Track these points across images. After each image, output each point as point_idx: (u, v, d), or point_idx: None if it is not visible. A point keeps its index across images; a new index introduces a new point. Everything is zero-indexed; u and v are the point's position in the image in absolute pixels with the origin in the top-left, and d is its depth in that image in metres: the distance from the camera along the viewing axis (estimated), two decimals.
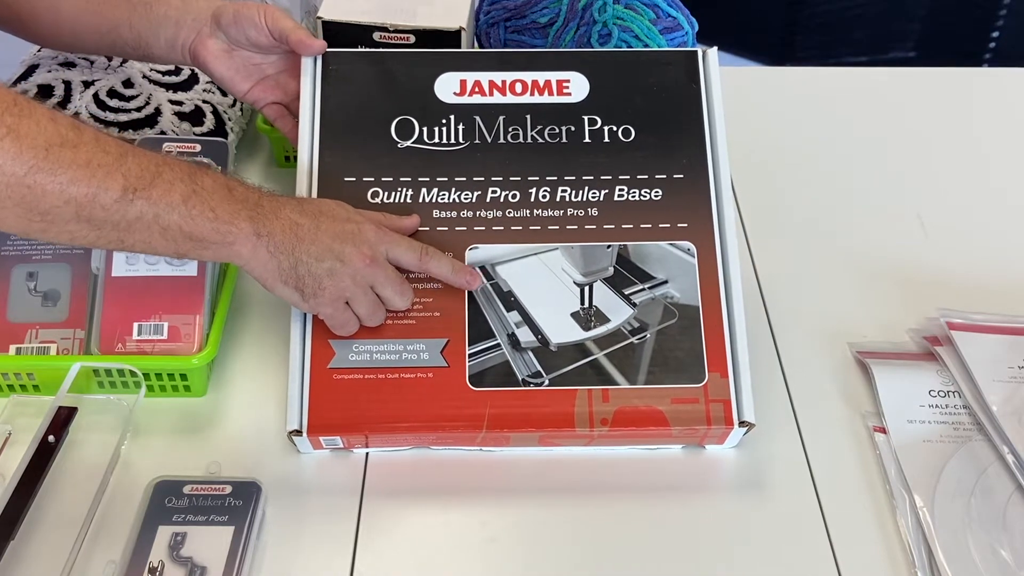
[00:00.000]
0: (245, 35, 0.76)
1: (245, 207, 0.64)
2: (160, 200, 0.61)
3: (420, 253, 0.70)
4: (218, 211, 0.63)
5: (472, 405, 0.69)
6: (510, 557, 0.66)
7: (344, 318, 0.68)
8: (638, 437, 0.70)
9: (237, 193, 0.65)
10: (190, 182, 0.63)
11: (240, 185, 0.66)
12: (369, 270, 0.67)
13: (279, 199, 0.67)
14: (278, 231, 0.65)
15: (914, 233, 0.92)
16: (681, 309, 0.72)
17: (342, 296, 0.67)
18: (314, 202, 0.69)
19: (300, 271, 0.65)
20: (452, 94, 0.76)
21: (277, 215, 0.65)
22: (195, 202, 0.62)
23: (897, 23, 2.13)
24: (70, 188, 0.58)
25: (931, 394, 0.75)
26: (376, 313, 0.69)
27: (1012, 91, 1.12)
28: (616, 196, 0.74)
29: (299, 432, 0.68)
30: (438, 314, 0.71)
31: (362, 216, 0.69)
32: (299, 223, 0.66)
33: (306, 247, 0.65)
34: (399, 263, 0.69)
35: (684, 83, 0.77)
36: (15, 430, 0.71)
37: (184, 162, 0.64)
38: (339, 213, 0.68)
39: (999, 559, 0.65)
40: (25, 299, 0.75)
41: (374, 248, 0.67)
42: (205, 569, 0.61)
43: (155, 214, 0.61)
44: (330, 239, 0.66)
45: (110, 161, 0.60)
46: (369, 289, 0.68)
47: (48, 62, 0.93)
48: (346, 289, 0.67)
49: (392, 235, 0.69)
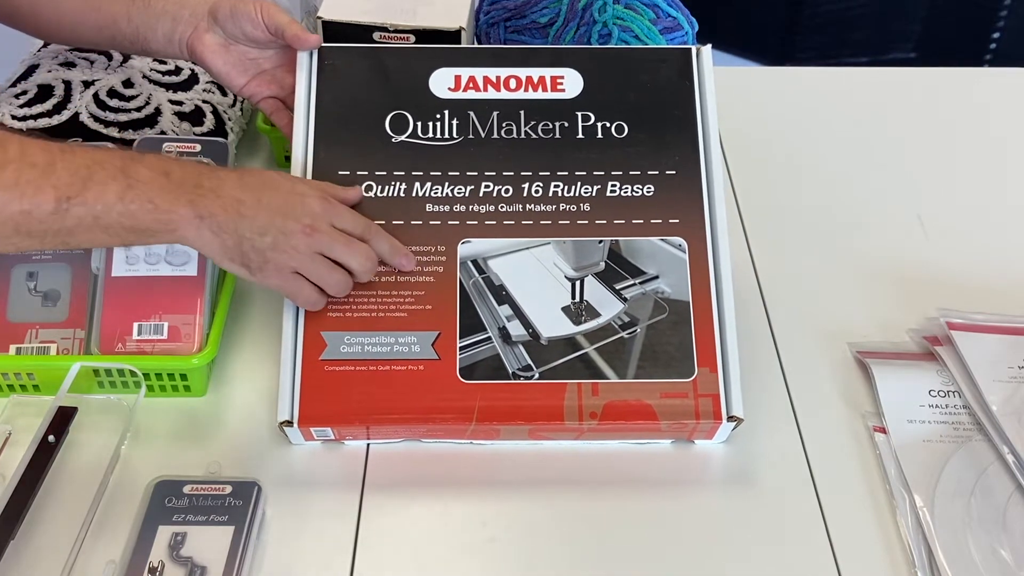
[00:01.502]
0: (241, 30, 0.76)
1: (184, 191, 0.64)
2: (96, 202, 0.62)
3: (364, 228, 0.69)
4: (157, 201, 0.63)
5: (462, 398, 0.69)
6: (506, 551, 0.66)
7: (294, 288, 0.68)
8: (627, 431, 0.70)
9: (175, 177, 0.64)
10: (124, 177, 0.63)
11: (178, 167, 0.66)
12: (311, 239, 0.66)
13: (220, 175, 0.67)
14: (219, 211, 0.65)
15: (914, 233, 0.92)
16: (671, 304, 0.72)
17: (287, 267, 0.67)
18: (256, 174, 0.69)
19: (244, 247, 0.66)
20: (447, 89, 0.77)
21: (218, 194, 0.65)
22: (132, 196, 0.63)
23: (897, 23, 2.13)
24: (3, 210, 0.59)
25: (931, 394, 0.75)
26: (332, 277, 0.68)
27: (1012, 91, 1.12)
28: (608, 192, 0.74)
29: (290, 423, 0.68)
30: (430, 307, 0.71)
31: (307, 187, 0.69)
32: (240, 199, 0.65)
33: (248, 223, 0.65)
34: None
35: (677, 80, 0.77)
36: (15, 430, 0.71)
37: (118, 153, 0.64)
38: (282, 185, 0.68)
39: (999, 559, 0.65)
40: (25, 299, 0.75)
41: (316, 219, 0.67)
42: (205, 569, 0.61)
43: (94, 216, 0.62)
44: (271, 213, 0.66)
45: (37, 175, 0.60)
46: (318, 256, 0.67)
47: (48, 62, 0.93)
48: (291, 259, 0.66)
49: (338, 207, 0.69)
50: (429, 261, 0.72)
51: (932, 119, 1.07)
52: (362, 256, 0.69)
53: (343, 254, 0.68)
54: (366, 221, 0.70)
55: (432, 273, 0.72)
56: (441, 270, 0.72)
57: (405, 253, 0.71)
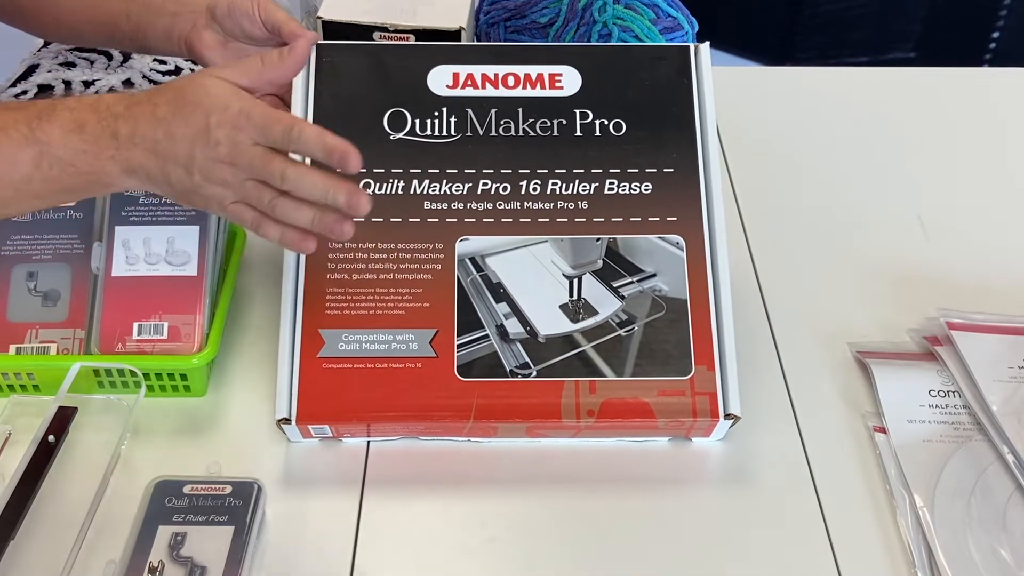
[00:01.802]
0: (239, 27, 0.76)
1: (103, 145, 0.62)
2: (10, 175, 0.60)
3: (283, 134, 0.62)
4: (77, 164, 0.62)
5: (460, 395, 0.69)
6: (505, 549, 0.66)
7: (246, 220, 0.65)
8: (625, 429, 0.71)
9: (89, 130, 0.62)
10: (35, 143, 0.61)
11: (92, 115, 0.62)
12: (235, 169, 0.62)
13: (135, 114, 0.62)
14: (143, 158, 0.62)
15: (914, 233, 0.92)
16: (669, 302, 0.72)
17: (228, 199, 0.64)
18: (167, 98, 0.63)
19: (179, 189, 0.63)
20: (445, 87, 0.77)
21: (134, 140, 0.62)
22: (49, 163, 0.61)
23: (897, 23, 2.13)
24: None
25: (931, 394, 0.75)
26: (277, 208, 0.63)
27: (1012, 91, 1.12)
28: (606, 189, 0.74)
29: (288, 420, 0.68)
30: (427, 304, 0.71)
31: (215, 104, 0.62)
32: (156, 139, 0.62)
33: (172, 166, 0.62)
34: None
35: (676, 78, 0.77)
36: (15, 430, 0.71)
37: (23, 112, 0.61)
38: (192, 110, 0.62)
39: (999, 559, 0.65)
40: (25, 299, 0.75)
41: (234, 146, 0.62)
42: (205, 569, 0.61)
43: (15, 190, 0.61)
44: (189, 144, 0.62)
45: None
46: (251, 184, 0.63)
47: (48, 62, 0.93)
48: (226, 193, 0.63)
49: (251, 120, 0.62)
50: (427, 258, 0.72)
51: (932, 119, 1.07)
52: (294, 181, 0.62)
53: (272, 178, 0.63)
54: (286, 125, 0.62)
55: (430, 271, 0.72)
56: (439, 268, 0.72)
57: (342, 150, 0.63)
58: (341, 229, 0.65)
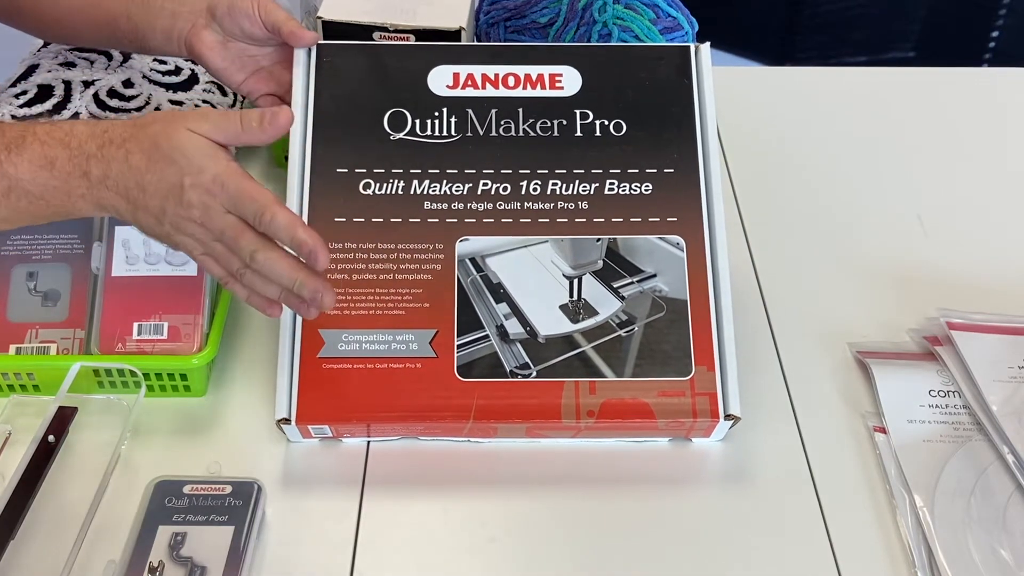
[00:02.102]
0: (239, 27, 0.76)
1: (73, 183, 0.62)
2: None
3: (256, 212, 0.61)
4: (47, 198, 0.62)
5: (460, 396, 0.69)
6: (505, 550, 0.66)
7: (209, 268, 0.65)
8: (624, 429, 0.71)
9: (60, 167, 0.62)
10: (2, 179, 0.61)
11: (63, 151, 0.62)
12: (205, 230, 0.62)
13: (107, 156, 0.62)
14: (113, 200, 0.63)
15: (914, 233, 0.92)
16: (669, 303, 0.72)
17: (196, 250, 0.64)
18: (143, 150, 0.62)
19: (150, 231, 0.64)
20: (445, 87, 0.77)
21: (106, 184, 0.62)
22: (17, 196, 0.61)
23: (897, 23, 2.13)
24: None
25: (931, 394, 0.75)
26: (245, 275, 0.63)
27: (1012, 91, 1.12)
28: (606, 190, 0.74)
29: (288, 420, 0.68)
30: (427, 305, 0.71)
31: (189, 166, 0.61)
32: (128, 187, 0.62)
33: (143, 213, 0.63)
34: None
35: (676, 78, 0.77)
36: (15, 430, 0.71)
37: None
38: (165, 167, 0.61)
39: (999, 559, 0.65)
40: (25, 299, 0.75)
41: (206, 211, 0.61)
42: (205, 569, 0.61)
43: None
44: (161, 198, 0.62)
45: None
46: (219, 245, 0.63)
47: (48, 62, 0.93)
48: (195, 246, 0.63)
49: (226, 189, 0.61)
50: (427, 259, 0.72)
51: (932, 119, 1.07)
52: (262, 264, 0.62)
53: (241, 254, 0.63)
54: (259, 206, 0.61)
55: (430, 271, 0.72)
56: (439, 268, 0.72)
57: (311, 247, 0.61)
58: (307, 310, 0.66)
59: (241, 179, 0.62)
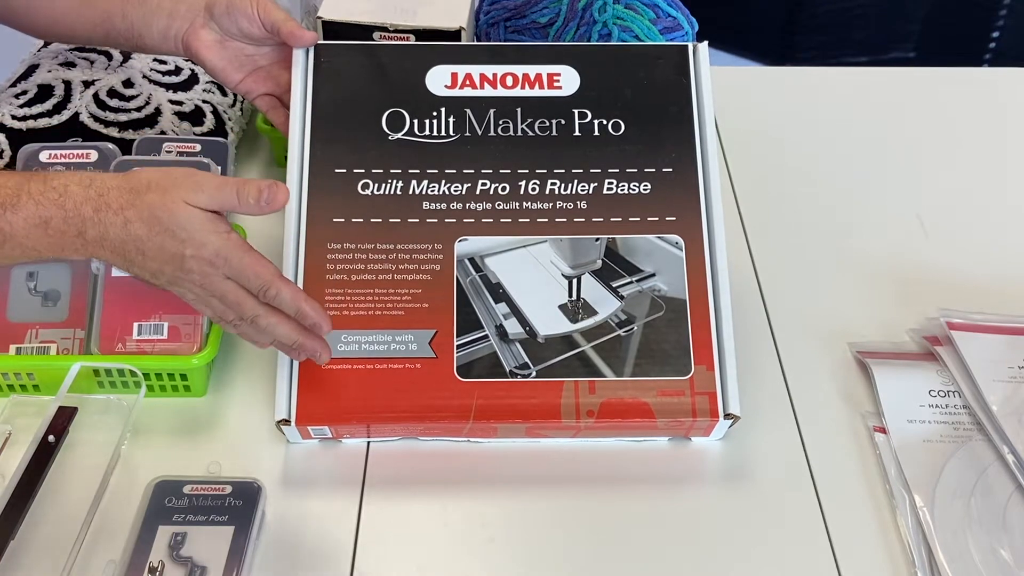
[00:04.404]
0: (238, 26, 0.76)
1: (67, 242, 0.63)
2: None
3: (261, 287, 0.63)
4: (42, 251, 0.64)
5: (460, 396, 0.69)
6: (504, 549, 0.66)
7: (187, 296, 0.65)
8: (624, 429, 0.71)
9: (54, 227, 0.62)
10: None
11: (58, 212, 0.62)
12: (203, 288, 0.64)
13: (103, 221, 0.62)
14: (108, 256, 0.64)
15: (914, 233, 0.92)
16: (668, 302, 0.72)
17: (189, 299, 0.65)
18: (143, 219, 0.62)
19: (139, 277, 0.65)
20: (443, 87, 0.77)
21: (102, 244, 0.63)
22: (11, 247, 0.63)
23: (897, 23, 2.13)
24: None
25: (931, 394, 0.75)
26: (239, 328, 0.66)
27: (1012, 91, 1.12)
28: (605, 189, 0.74)
29: (287, 422, 0.68)
30: (427, 305, 0.71)
31: (191, 237, 0.62)
32: (126, 250, 0.63)
33: (139, 270, 0.64)
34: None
35: (674, 77, 0.77)
36: (15, 430, 0.71)
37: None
38: (166, 239, 0.62)
39: (999, 559, 0.65)
40: (25, 299, 0.75)
41: (206, 276, 0.63)
42: (205, 569, 0.61)
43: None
44: (160, 263, 0.63)
45: None
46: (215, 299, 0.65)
47: (48, 62, 0.93)
48: (189, 293, 0.65)
49: (228, 262, 0.63)
50: (426, 259, 0.72)
51: (932, 119, 1.07)
52: (265, 327, 0.65)
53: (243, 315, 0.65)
54: (264, 282, 0.63)
55: (429, 271, 0.72)
56: (438, 268, 0.72)
57: (315, 320, 0.65)
58: (298, 356, 0.68)
59: (243, 254, 0.63)
